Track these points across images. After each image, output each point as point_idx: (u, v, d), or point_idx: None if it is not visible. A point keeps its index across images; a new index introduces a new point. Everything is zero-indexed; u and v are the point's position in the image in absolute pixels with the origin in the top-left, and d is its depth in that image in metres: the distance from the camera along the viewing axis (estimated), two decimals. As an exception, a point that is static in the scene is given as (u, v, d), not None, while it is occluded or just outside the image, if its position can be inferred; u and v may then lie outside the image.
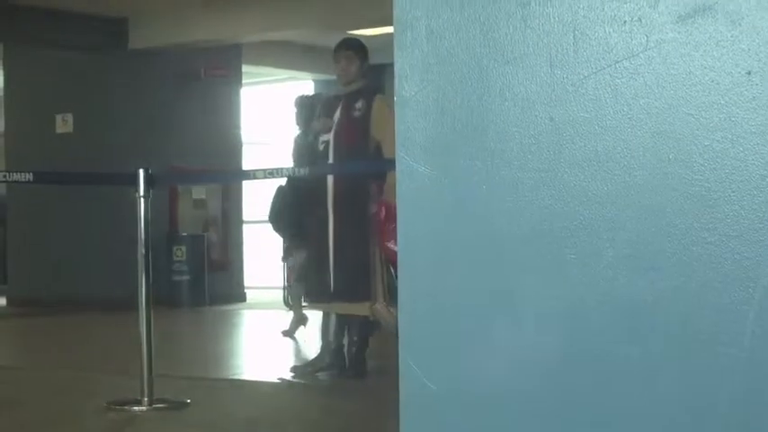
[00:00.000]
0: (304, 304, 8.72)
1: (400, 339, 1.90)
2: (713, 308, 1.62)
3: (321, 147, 7.15)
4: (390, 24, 1.90)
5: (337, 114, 7.14)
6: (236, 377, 7.76)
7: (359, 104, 7.08)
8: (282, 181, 8.16)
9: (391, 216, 6.42)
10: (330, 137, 7.09)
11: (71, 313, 11.48)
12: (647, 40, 1.67)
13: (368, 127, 7.00)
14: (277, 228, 8.74)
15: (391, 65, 1.91)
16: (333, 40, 7.59)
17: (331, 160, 7.08)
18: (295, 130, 8.51)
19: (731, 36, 1.61)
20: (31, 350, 9.87)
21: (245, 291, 14.81)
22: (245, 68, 15.18)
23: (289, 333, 9.70)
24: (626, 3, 1.68)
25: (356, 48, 7.30)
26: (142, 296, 6.16)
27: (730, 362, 1.60)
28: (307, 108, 8.25)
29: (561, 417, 1.75)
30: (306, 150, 7.53)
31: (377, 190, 6.99)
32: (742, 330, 1.59)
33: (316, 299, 7.39)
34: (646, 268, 1.66)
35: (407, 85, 1.87)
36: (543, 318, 1.76)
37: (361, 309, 7.11)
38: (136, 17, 13.40)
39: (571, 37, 1.72)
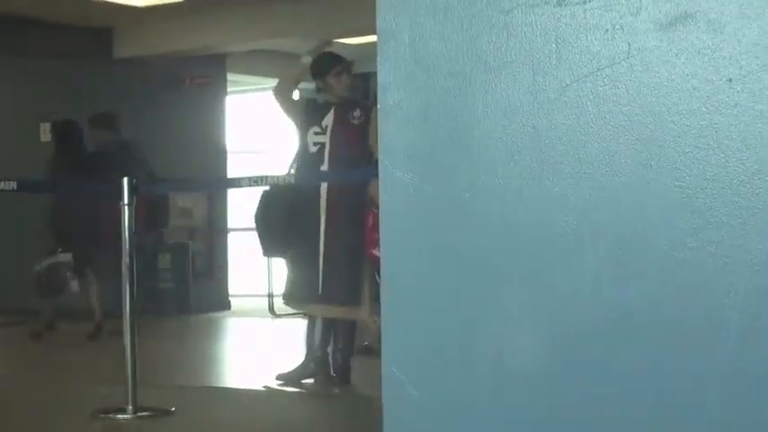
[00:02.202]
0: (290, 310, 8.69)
1: (383, 346, 1.90)
2: (696, 312, 1.62)
3: (314, 149, 7.16)
4: (374, 33, 1.91)
5: (329, 119, 7.17)
6: (222, 385, 7.74)
7: (356, 113, 7.16)
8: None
9: (378, 224, 6.44)
10: (326, 140, 7.12)
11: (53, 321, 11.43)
12: (629, 48, 1.67)
13: (366, 135, 7.06)
14: (264, 232, 8.72)
15: (374, 74, 1.91)
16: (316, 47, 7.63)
17: (326, 165, 7.11)
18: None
19: (712, 44, 1.61)
20: (14, 359, 9.83)
21: (230, 299, 14.78)
22: (230, 77, 15.17)
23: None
24: (608, 11, 1.68)
25: (349, 65, 7.44)
26: (126, 304, 6.15)
27: (714, 366, 1.61)
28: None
29: (546, 424, 1.75)
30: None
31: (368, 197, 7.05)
32: (725, 335, 1.60)
33: (302, 301, 7.38)
34: (629, 274, 1.67)
35: (390, 94, 1.87)
36: (527, 324, 1.76)
37: (347, 312, 7.11)
38: (120, 26, 13.39)
39: (553, 45, 1.73)
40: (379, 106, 1.88)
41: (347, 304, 7.08)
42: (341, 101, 7.24)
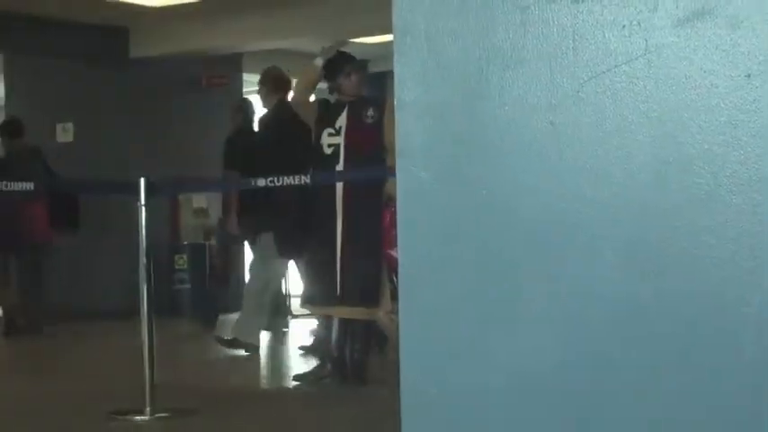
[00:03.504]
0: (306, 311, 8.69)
1: (401, 345, 1.90)
2: (714, 310, 1.62)
3: (329, 151, 7.17)
4: (391, 32, 1.91)
5: (343, 120, 7.18)
6: (240, 386, 7.75)
7: (370, 112, 7.17)
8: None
9: (395, 222, 6.45)
10: (341, 141, 7.14)
11: (67, 322, 11.46)
12: (646, 44, 1.67)
13: (380, 133, 7.07)
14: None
15: (392, 72, 1.91)
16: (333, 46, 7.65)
17: (341, 166, 7.11)
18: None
19: (730, 39, 1.61)
20: (31, 359, 9.86)
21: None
22: (246, 77, 15.19)
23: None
24: (625, 7, 1.68)
25: (361, 64, 7.49)
26: (144, 305, 6.16)
27: (732, 364, 1.60)
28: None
29: (562, 421, 1.75)
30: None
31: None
32: (743, 333, 1.59)
33: (320, 303, 7.39)
34: (647, 271, 1.67)
35: (407, 91, 1.87)
36: (544, 322, 1.76)
37: (365, 313, 7.11)
38: (136, 26, 13.42)
39: (570, 41, 1.73)
40: (395, 102, 1.88)
41: (364, 305, 7.08)
42: (354, 100, 7.25)
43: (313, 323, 9.64)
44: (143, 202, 6.17)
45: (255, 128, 9.67)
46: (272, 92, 8.73)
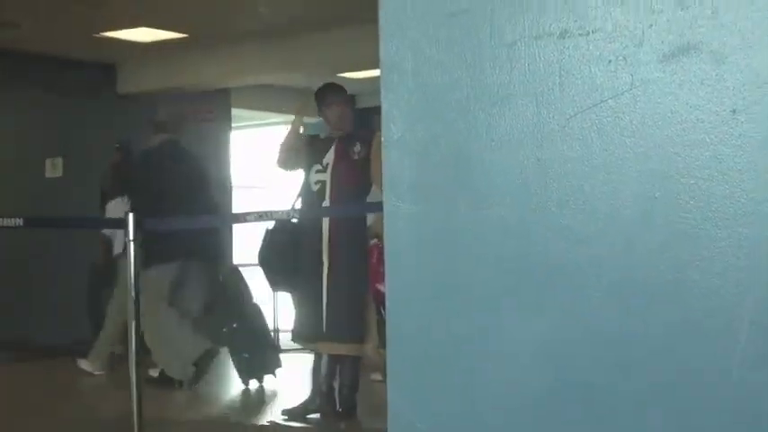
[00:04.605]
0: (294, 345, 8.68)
1: (389, 379, 1.89)
2: (699, 342, 1.62)
3: (316, 188, 7.17)
4: (378, 67, 1.91)
5: (330, 156, 7.18)
6: (228, 420, 7.72)
7: (356, 148, 7.15)
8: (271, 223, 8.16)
9: (382, 260, 6.46)
10: (327, 178, 7.13)
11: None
12: (632, 80, 1.68)
13: (367, 170, 7.06)
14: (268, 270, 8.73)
15: (380, 108, 1.91)
16: (323, 82, 7.64)
17: (327, 202, 7.11)
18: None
19: (716, 75, 1.62)
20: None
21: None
22: (235, 112, 15.22)
23: None
24: (611, 42, 1.69)
25: (346, 95, 7.43)
26: (132, 341, 6.14)
27: (717, 395, 1.60)
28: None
29: (551, 456, 1.75)
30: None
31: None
32: (727, 364, 1.59)
33: (308, 338, 7.37)
34: (632, 306, 1.67)
35: (394, 127, 1.88)
36: (533, 357, 1.76)
37: (351, 349, 7.10)
38: (123, 62, 13.45)
39: (557, 77, 1.73)
40: (383, 138, 1.88)
41: (352, 341, 7.07)
42: (341, 135, 7.23)
43: (301, 360, 9.60)
44: (131, 237, 6.15)
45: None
46: (154, 134, 9.58)
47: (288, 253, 7.53)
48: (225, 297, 9.35)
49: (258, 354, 9.23)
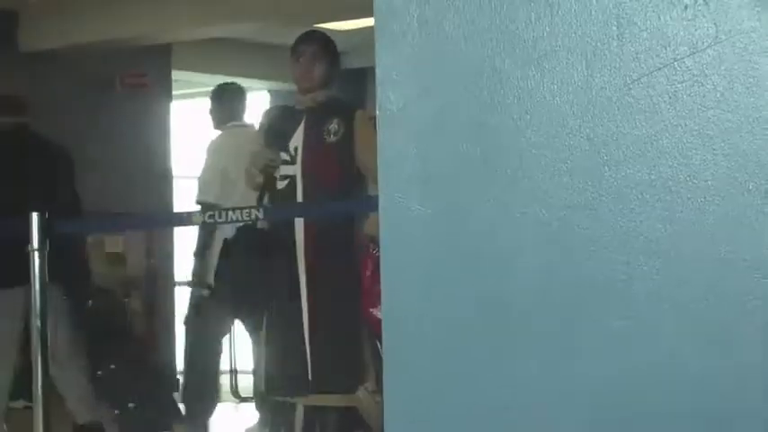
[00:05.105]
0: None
1: (386, 425, 1.91)
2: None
3: (282, 185, 6.92)
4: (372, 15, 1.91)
5: (299, 138, 6.94)
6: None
7: (332, 126, 6.86)
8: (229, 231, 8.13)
9: (379, 275, 6.36)
10: (296, 171, 6.90)
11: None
12: (716, 31, 1.68)
13: (349, 155, 6.82)
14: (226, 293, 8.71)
15: (372, 69, 1.91)
16: (295, 36, 7.53)
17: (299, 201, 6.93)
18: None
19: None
20: None
21: (179, 377, 14.76)
22: (175, 75, 15.21)
23: None
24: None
25: (322, 43, 7.17)
26: (38, 387, 6.10)
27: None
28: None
29: None
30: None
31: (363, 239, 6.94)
32: (754, 389, 1.63)
33: (288, 391, 7.27)
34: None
35: (393, 96, 1.88)
36: (549, 386, 1.78)
37: (344, 400, 7.06)
38: (28, 11, 13.44)
39: (614, 27, 1.74)
40: (377, 111, 1.88)
41: (345, 390, 6.99)
42: (311, 106, 6.92)
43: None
44: (36, 246, 6.05)
45: None
46: None
47: (252, 271, 7.46)
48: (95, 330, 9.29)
49: (152, 403, 9.23)
